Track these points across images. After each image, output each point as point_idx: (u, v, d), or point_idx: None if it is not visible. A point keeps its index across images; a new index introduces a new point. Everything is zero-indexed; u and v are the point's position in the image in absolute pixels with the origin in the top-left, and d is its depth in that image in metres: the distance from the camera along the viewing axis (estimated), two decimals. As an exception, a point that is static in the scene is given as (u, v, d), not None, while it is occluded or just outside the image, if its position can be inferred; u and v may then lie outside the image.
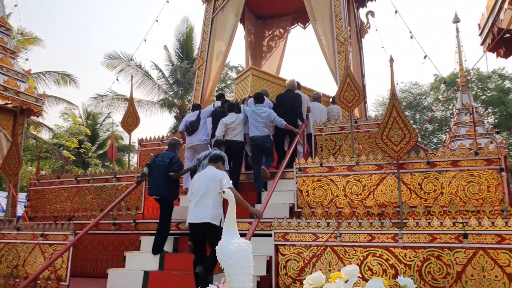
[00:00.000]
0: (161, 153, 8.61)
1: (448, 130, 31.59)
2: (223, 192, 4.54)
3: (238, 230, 4.38)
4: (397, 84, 18.89)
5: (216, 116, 10.13)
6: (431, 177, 7.47)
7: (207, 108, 10.82)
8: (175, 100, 29.04)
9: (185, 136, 10.42)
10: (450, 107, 37.47)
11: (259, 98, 9.87)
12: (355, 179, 7.88)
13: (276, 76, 13.33)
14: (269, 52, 17.05)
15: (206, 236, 6.57)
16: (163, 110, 29.09)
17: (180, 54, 30.08)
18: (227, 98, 11.70)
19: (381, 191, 7.68)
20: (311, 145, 10.51)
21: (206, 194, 6.57)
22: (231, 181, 6.68)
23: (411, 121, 39.53)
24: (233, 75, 40.64)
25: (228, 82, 37.53)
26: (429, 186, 7.46)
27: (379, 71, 64.91)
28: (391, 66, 7.20)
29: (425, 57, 12.00)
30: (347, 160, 8.01)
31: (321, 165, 8.14)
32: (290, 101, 10.24)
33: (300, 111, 10.25)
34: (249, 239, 6.24)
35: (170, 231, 8.42)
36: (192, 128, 10.10)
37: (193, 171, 8.40)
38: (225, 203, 6.56)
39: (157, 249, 8.02)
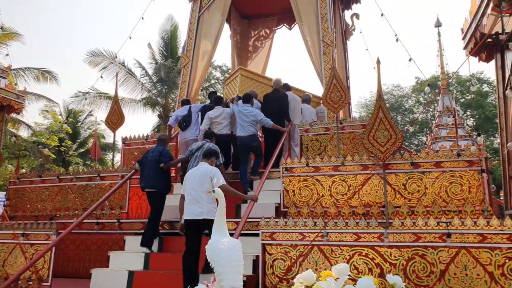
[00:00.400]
0: (151, 149, 8.73)
1: (429, 132, 31.96)
2: (213, 191, 4.58)
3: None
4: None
5: (206, 111, 10.20)
6: (415, 177, 7.59)
7: (200, 104, 10.99)
8: (158, 99, 28.90)
9: (171, 130, 10.64)
10: (431, 109, 37.91)
11: (246, 99, 9.89)
12: (340, 179, 7.96)
13: (265, 76, 13.41)
14: (255, 52, 17.09)
15: (202, 230, 6.66)
16: (146, 108, 28.93)
17: (164, 52, 29.94)
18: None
19: (366, 191, 7.78)
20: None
21: (199, 190, 6.64)
22: (222, 177, 6.76)
23: (396, 123, 39.64)
24: (218, 74, 40.61)
25: (213, 81, 37.49)
26: (413, 187, 7.59)
27: (362, 73, 65.32)
28: (378, 67, 7.30)
29: (410, 60, 12.14)
30: (332, 160, 8.10)
31: (307, 165, 8.21)
32: (277, 101, 10.31)
33: (287, 111, 10.32)
34: (237, 238, 6.28)
35: (156, 230, 8.52)
36: (185, 123, 10.28)
37: (184, 162, 8.62)
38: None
39: (146, 241, 8.07)
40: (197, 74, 13.64)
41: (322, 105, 11.85)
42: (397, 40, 13.02)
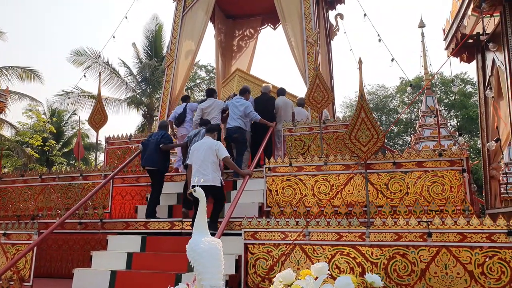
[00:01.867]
0: (153, 133, 9.70)
1: (413, 132, 32.20)
2: (194, 190, 4.56)
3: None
4: (365, 86, 19.13)
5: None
6: (397, 177, 7.64)
7: (196, 104, 11.31)
8: (143, 98, 28.77)
9: (172, 125, 11.18)
10: (415, 109, 38.17)
11: (242, 91, 10.52)
12: (323, 178, 7.99)
13: (261, 79, 13.61)
14: (239, 51, 17.07)
15: (208, 195, 7.24)
16: (130, 108, 28.79)
17: (148, 51, 29.83)
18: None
19: (349, 190, 7.81)
20: None
21: (204, 161, 7.77)
22: (226, 150, 7.90)
23: (378, 122, 39.77)
24: (203, 74, 40.54)
25: (198, 81, 37.40)
26: (395, 186, 7.63)
27: (347, 73, 65.57)
28: (360, 68, 7.34)
29: (392, 60, 12.22)
30: (315, 160, 8.12)
31: (290, 164, 8.22)
32: (264, 102, 10.74)
33: (272, 111, 10.73)
34: (219, 237, 6.28)
35: (138, 230, 8.62)
36: (179, 120, 11.07)
37: (184, 148, 9.58)
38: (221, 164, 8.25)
39: (150, 213, 8.91)
40: (181, 73, 13.59)
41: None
42: (379, 40, 13.10)
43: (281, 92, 11.48)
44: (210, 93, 10.87)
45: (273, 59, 67.65)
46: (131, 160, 10.44)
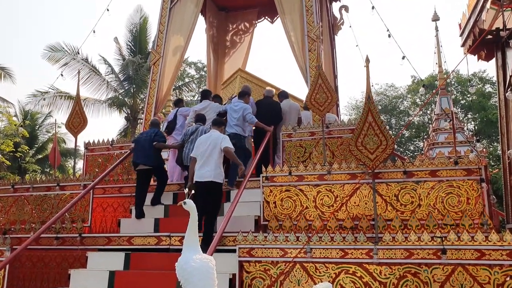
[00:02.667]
0: (145, 131, 10.28)
1: (426, 136, 32.26)
2: (184, 203, 4.60)
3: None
4: (372, 86, 19.10)
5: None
6: (408, 187, 7.68)
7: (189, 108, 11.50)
8: (126, 99, 28.77)
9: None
10: (428, 112, 38.25)
11: (241, 94, 10.70)
12: (326, 189, 8.02)
13: (264, 81, 13.71)
14: (233, 48, 17.11)
15: (208, 192, 8.08)
16: (112, 110, 28.78)
17: (132, 47, 29.83)
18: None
19: (355, 202, 7.85)
20: None
21: (210, 156, 8.22)
22: (230, 143, 8.39)
23: (387, 127, 39.90)
24: (192, 72, 40.56)
25: (187, 79, 37.42)
26: (406, 198, 7.67)
27: (353, 71, 65.81)
28: (367, 66, 7.39)
29: (403, 57, 12.26)
30: (318, 168, 8.16)
31: (289, 173, 8.26)
32: (269, 106, 10.93)
33: (278, 116, 10.92)
34: (211, 255, 6.30)
35: (121, 246, 8.62)
36: (168, 128, 11.28)
37: (179, 148, 9.93)
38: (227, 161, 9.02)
39: (156, 201, 9.76)
40: (169, 71, 13.61)
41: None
42: (389, 36, 13.16)
43: (284, 95, 11.66)
44: (205, 95, 11.04)
45: (271, 56, 67.75)
46: (113, 168, 10.46)
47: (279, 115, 11.01)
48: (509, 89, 8.83)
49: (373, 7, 14.03)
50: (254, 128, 10.57)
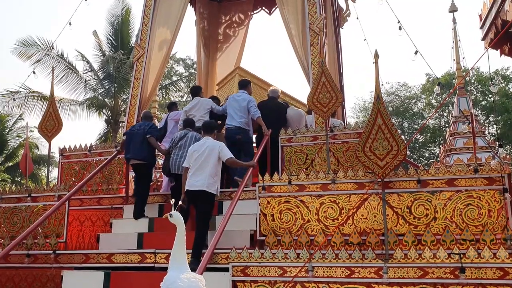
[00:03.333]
0: (137, 124, 10.59)
1: (442, 142, 32.28)
2: (170, 215, 4.59)
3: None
4: (382, 85, 19.14)
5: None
6: (422, 198, 7.67)
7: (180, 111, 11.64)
8: (106, 100, 28.79)
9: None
10: (445, 114, 38.29)
11: (242, 84, 10.91)
12: (330, 200, 8.01)
13: (264, 81, 13.70)
14: (226, 42, 17.12)
15: (199, 202, 8.36)
16: (90, 112, 28.78)
17: (113, 41, 29.86)
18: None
19: (362, 215, 7.83)
20: None
21: (204, 164, 8.36)
22: (229, 151, 8.55)
23: (399, 131, 39.70)
24: (181, 69, 40.59)
25: (174, 78, 37.43)
26: (420, 210, 7.66)
27: (360, 69, 65.88)
28: (376, 62, 7.39)
29: (416, 52, 12.29)
30: (321, 177, 8.15)
31: (289, 183, 8.25)
32: (275, 111, 11.01)
33: (282, 120, 11.03)
34: (201, 273, 6.28)
35: (100, 264, 8.57)
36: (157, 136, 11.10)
37: (166, 155, 9.95)
38: (226, 170, 9.52)
39: (139, 212, 9.75)
40: (154, 68, 13.59)
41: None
42: (400, 28, 13.18)
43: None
44: (195, 91, 11.22)
45: (268, 52, 67.81)
46: (92, 177, 10.44)
47: (285, 119, 11.15)
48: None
49: (382, -3, 14.07)
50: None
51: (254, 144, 11.29)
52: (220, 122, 10.90)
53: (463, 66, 20.20)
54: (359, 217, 7.85)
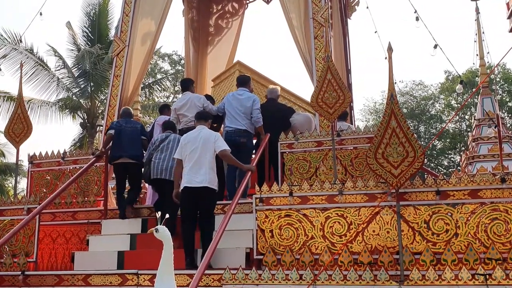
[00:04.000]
0: (122, 120, 10.82)
1: (463, 148, 32.30)
2: (156, 230, 4.58)
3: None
4: (396, 83, 19.14)
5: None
6: (442, 212, 7.65)
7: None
8: (81, 101, 28.77)
9: None
10: (467, 116, 38.33)
11: (242, 81, 10.94)
12: (337, 214, 8.00)
13: (267, 78, 13.72)
14: (218, 35, 17.14)
15: (201, 200, 8.55)
16: (64, 114, 28.76)
17: (89, 34, 29.86)
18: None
19: (374, 231, 7.82)
20: None
21: (201, 157, 8.53)
22: (225, 143, 8.79)
23: (415, 135, 39.64)
24: (166, 66, 40.59)
25: (159, 76, 37.38)
26: (439, 225, 7.64)
27: (371, 65, 65.93)
28: (390, 57, 7.39)
29: (435, 46, 12.29)
30: (326, 187, 8.13)
31: (290, 194, 8.24)
32: (270, 112, 10.96)
33: (285, 126, 11.00)
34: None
35: (76, 287, 8.57)
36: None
37: (144, 164, 10.11)
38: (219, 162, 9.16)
39: (129, 201, 10.36)
40: (136, 65, 13.60)
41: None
42: (417, 19, 13.20)
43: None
44: (186, 85, 11.31)
45: (267, 46, 67.84)
46: (66, 188, 10.39)
47: (288, 123, 11.14)
48: None
49: (396, -17, 14.09)
50: None
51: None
52: (215, 125, 10.82)
53: (488, 62, 20.20)
54: (370, 233, 7.84)
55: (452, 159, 40.38)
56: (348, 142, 10.05)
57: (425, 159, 35.26)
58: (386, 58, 7.52)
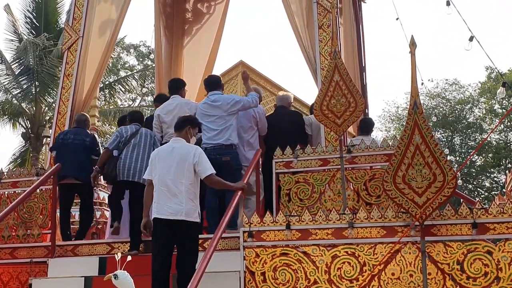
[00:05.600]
0: (70, 130, 11.58)
1: (510, 165, 32.33)
2: (115, 277, 4.59)
3: None
4: (422, 84, 19.20)
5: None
6: (479, 250, 7.67)
7: None
8: (23, 105, 28.76)
9: None
10: (515, 125, 38.33)
11: (211, 83, 11.07)
12: (347, 252, 8.01)
13: (273, 82, 13.87)
14: (197, 23, 17.14)
15: (178, 236, 8.36)
16: (1, 122, 28.76)
17: (34, 21, 29.91)
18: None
19: (393, 274, 7.83)
20: None
21: (175, 180, 8.35)
22: (209, 162, 8.61)
23: (446, 150, 39.23)
24: (132, 60, 40.55)
25: (123, 73, 37.31)
26: (476, 267, 7.65)
27: (392, 61, 66.04)
28: (413, 54, 7.40)
29: (471, 39, 12.34)
30: (333, 218, 8.14)
31: (287, 227, 8.24)
32: (288, 127, 11.27)
33: (302, 136, 11.30)
34: None
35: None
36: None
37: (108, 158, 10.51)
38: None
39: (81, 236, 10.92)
40: (93, 61, 13.61)
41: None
42: (448, 3, 13.24)
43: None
44: (175, 86, 11.48)
45: (259, 37, 68.06)
46: (3, 218, 10.32)
47: (305, 133, 11.40)
48: None
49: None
50: None
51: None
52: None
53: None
54: (389, 277, 7.85)
55: (495, 178, 40.40)
56: (362, 160, 10.01)
57: (460, 180, 35.30)
58: (409, 53, 7.50)
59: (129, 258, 7.22)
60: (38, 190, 11.16)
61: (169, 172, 8.40)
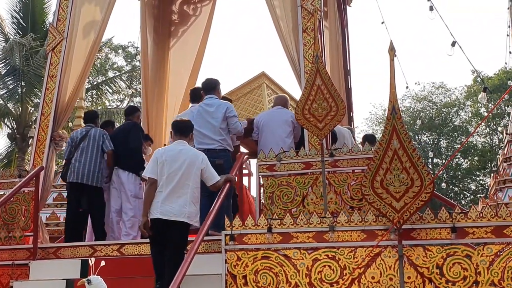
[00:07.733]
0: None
1: (495, 168, 32.37)
2: (88, 282, 4.59)
3: None
4: (407, 88, 19.23)
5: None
6: (458, 254, 7.69)
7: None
8: (10, 105, 28.68)
9: None
10: (500, 128, 38.42)
11: (208, 85, 11.07)
12: (328, 256, 8.02)
13: (285, 90, 14.07)
14: (183, 24, 17.11)
15: (171, 233, 8.52)
16: (-13, 122, 28.70)
17: (21, 21, 29.82)
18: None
19: (373, 277, 7.85)
20: None
21: (181, 183, 8.56)
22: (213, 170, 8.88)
23: (430, 153, 39.30)
24: (119, 60, 40.47)
25: (111, 73, 37.21)
26: (455, 270, 7.67)
27: (377, 65, 66.11)
28: (391, 61, 7.42)
29: (453, 44, 12.37)
30: (314, 222, 8.15)
31: (269, 230, 8.25)
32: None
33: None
34: None
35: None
36: None
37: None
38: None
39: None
40: (78, 62, 13.54)
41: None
42: (431, 9, 13.26)
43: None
44: (196, 95, 11.67)
45: (245, 40, 68.01)
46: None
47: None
48: None
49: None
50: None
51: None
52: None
53: (524, 61, 20.32)
54: (369, 280, 7.87)
55: (481, 182, 40.46)
56: (344, 163, 10.01)
57: (444, 184, 35.31)
58: (396, 56, 7.49)
59: (102, 263, 7.24)
60: (20, 192, 11.13)
61: (177, 173, 8.57)
